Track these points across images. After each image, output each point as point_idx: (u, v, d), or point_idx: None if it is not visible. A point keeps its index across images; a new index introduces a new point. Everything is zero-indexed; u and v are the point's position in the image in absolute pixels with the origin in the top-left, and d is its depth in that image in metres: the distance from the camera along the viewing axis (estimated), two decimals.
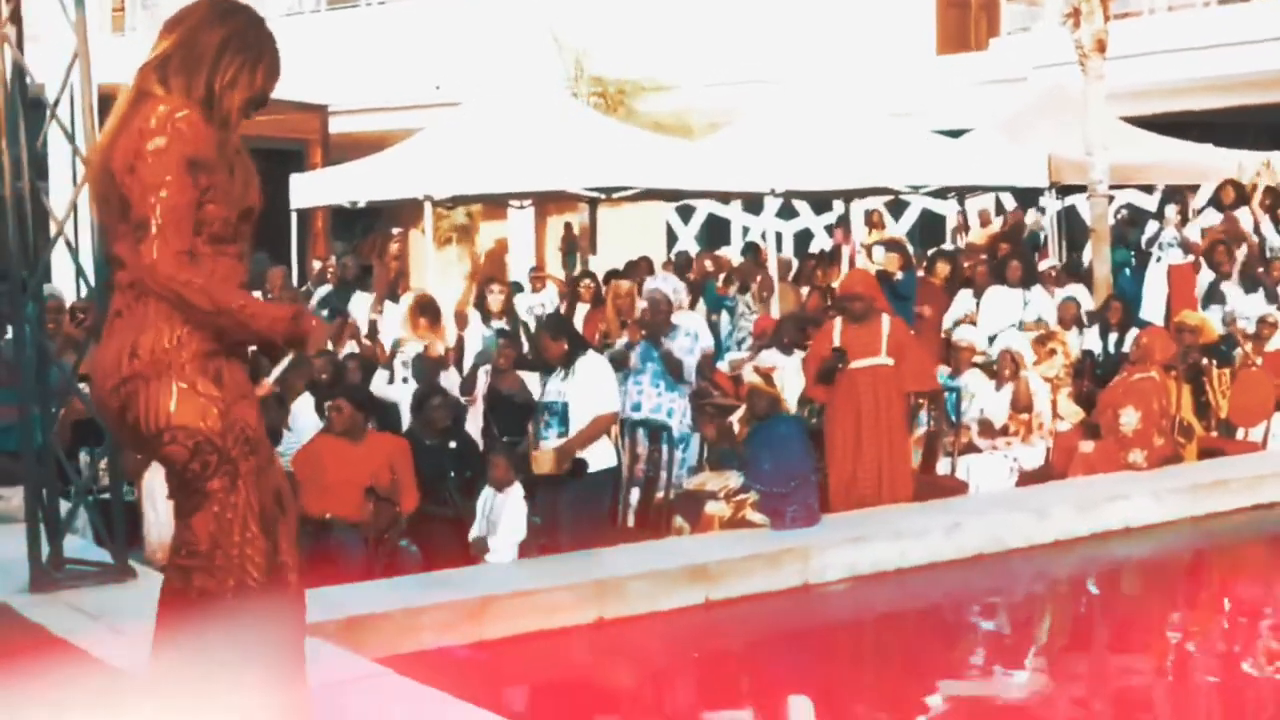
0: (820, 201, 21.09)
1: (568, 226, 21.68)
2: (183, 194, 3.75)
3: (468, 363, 10.98)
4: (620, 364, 9.57)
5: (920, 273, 14.37)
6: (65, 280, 11.89)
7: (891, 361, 9.34)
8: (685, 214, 24.43)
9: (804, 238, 23.38)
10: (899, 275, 13.15)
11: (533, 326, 11.58)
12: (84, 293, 9.15)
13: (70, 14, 6.64)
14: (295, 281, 15.51)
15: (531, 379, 10.25)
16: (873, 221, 18.39)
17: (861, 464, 9.27)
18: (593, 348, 9.19)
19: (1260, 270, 13.57)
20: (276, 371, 9.23)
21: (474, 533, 8.28)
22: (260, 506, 3.89)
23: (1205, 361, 11.36)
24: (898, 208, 20.86)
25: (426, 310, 11.04)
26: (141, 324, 3.80)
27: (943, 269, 14.56)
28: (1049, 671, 7.57)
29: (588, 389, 8.48)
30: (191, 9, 3.94)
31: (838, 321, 9.62)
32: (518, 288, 15.44)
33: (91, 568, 6.70)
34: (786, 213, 22.28)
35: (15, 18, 6.77)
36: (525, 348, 11.36)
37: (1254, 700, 6.92)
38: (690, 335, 10.57)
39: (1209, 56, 20.77)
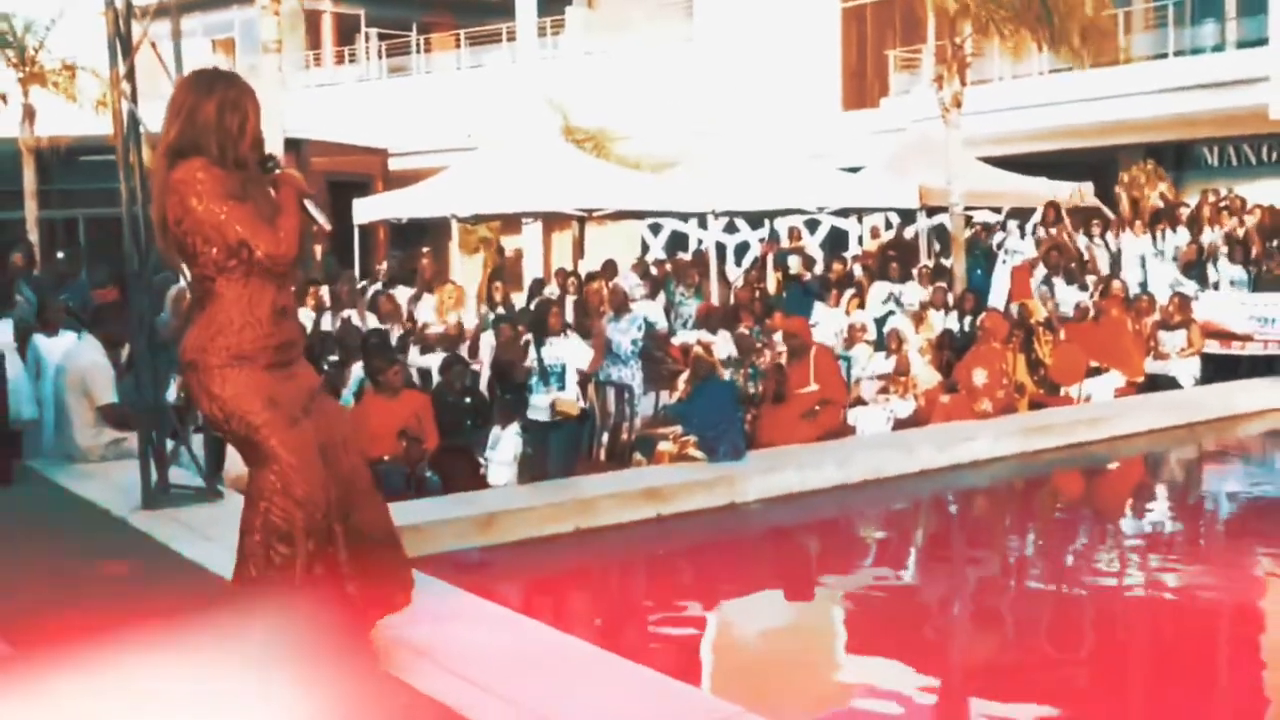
0: (754, 219, 20.97)
1: (500, 252, 21.34)
2: (240, 207, 3.69)
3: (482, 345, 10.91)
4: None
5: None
6: None
7: (817, 387, 9.52)
8: (655, 230, 24.23)
9: (743, 248, 23.21)
10: (808, 276, 13.19)
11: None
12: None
13: (172, 74, 6.52)
14: (358, 279, 15.29)
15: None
16: (792, 235, 18.27)
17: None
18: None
19: (1074, 268, 13.53)
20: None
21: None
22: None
23: (1040, 332, 11.35)
24: (813, 225, 20.77)
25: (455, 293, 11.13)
26: None
27: (838, 268, 14.83)
28: (916, 568, 7.56)
29: (577, 352, 9.03)
30: (182, 92, 3.81)
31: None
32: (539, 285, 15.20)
33: (189, 491, 6.62)
34: (730, 228, 22.12)
35: (130, 77, 6.67)
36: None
37: (1069, 588, 6.92)
38: (634, 321, 10.36)
39: (1041, 113, 20.83)
